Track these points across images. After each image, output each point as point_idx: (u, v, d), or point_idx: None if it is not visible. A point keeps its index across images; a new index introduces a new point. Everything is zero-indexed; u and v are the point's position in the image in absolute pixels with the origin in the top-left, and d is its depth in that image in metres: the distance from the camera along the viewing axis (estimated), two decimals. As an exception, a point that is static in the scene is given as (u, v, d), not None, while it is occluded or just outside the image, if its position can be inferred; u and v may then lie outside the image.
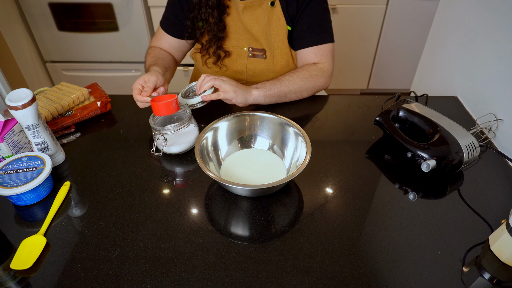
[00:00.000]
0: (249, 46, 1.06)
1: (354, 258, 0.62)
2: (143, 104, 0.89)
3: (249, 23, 1.01)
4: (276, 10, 0.99)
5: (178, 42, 1.10)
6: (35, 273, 0.60)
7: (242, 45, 1.06)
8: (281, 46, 1.03)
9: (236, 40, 1.05)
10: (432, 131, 0.79)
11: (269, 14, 0.99)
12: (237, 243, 0.64)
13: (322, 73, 1.02)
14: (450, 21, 1.16)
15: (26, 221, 0.70)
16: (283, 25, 1.00)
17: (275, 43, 1.03)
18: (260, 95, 0.95)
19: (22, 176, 0.71)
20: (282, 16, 0.99)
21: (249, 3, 0.98)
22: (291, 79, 0.99)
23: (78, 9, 1.93)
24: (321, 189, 0.75)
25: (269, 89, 0.96)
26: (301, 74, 1.00)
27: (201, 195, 0.74)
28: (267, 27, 1.01)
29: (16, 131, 0.78)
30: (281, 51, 1.04)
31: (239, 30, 1.04)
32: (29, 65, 2.05)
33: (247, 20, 1.01)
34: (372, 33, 2.14)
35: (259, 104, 0.98)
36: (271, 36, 1.02)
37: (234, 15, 1.02)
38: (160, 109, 0.78)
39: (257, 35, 1.03)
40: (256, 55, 1.06)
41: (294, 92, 0.99)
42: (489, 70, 0.95)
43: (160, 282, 0.58)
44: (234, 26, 1.04)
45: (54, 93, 0.98)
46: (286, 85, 0.98)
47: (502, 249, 0.59)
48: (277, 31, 1.01)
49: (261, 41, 1.04)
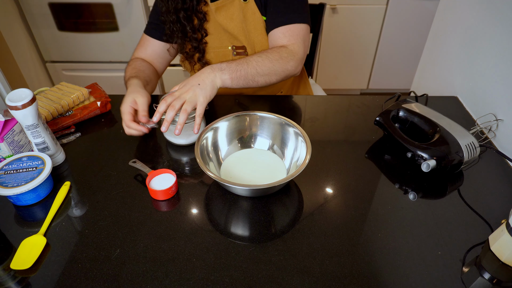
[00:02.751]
0: (232, 45, 1.04)
1: (354, 258, 0.62)
2: (137, 132, 0.82)
3: (225, 23, 1.00)
4: (250, 5, 0.97)
5: (163, 46, 1.08)
6: (35, 273, 0.60)
7: (226, 45, 1.05)
8: (261, 40, 1.01)
9: (219, 40, 1.04)
10: (432, 131, 0.79)
11: (244, 10, 0.97)
12: (237, 243, 0.64)
13: (292, 56, 0.92)
14: (450, 21, 1.16)
15: (26, 221, 0.70)
16: (259, 18, 0.98)
17: (255, 38, 1.01)
18: (226, 78, 0.84)
19: (22, 176, 0.71)
20: (257, 9, 0.97)
21: (220, 3, 0.97)
22: (260, 59, 0.89)
23: (78, 9, 1.94)
24: (321, 189, 0.75)
25: (235, 70, 0.85)
26: (270, 55, 0.90)
27: (201, 195, 0.74)
28: (244, 23, 0.99)
29: (16, 131, 0.78)
30: (262, 45, 1.02)
31: (219, 31, 1.03)
32: (29, 65, 2.05)
33: (222, 20, 0.99)
34: (372, 33, 2.15)
35: (227, 87, 0.87)
36: (249, 31, 1.00)
37: (212, 17, 1.01)
38: (158, 195, 0.73)
39: (234, 33, 1.01)
40: (239, 53, 1.05)
41: (263, 75, 0.89)
42: (489, 70, 0.95)
43: (160, 282, 0.58)
44: (214, 29, 1.03)
45: (54, 93, 0.98)
46: (253, 67, 0.88)
47: (502, 249, 0.59)
48: (255, 25, 0.99)
49: (240, 39, 1.02)
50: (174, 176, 0.74)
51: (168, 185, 0.72)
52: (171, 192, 0.73)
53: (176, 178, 0.73)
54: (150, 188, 0.72)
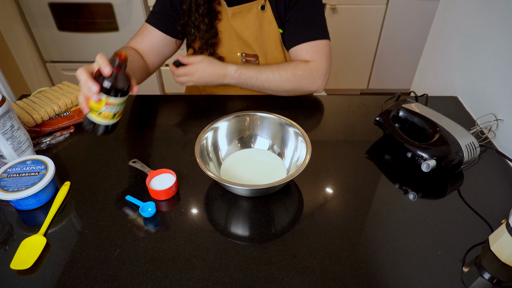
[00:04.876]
0: (242, 52, 1.04)
1: (354, 258, 0.62)
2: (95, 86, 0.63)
3: (240, 29, 0.99)
4: (267, 14, 0.96)
5: (163, 39, 1.02)
6: (35, 273, 0.60)
7: (235, 51, 1.04)
8: (273, 51, 1.01)
9: (229, 46, 1.03)
10: (432, 131, 0.79)
11: (260, 19, 0.97)
12: (237, 243, 0.64)
13: (310, 74, 0.95)
14: (450, 21, 1.16)
15: (26, 221, 0.70)
16: (274, 29, 0.98)
17: (268, 48, 1.01)
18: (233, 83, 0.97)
19: (24, 180, 0.70)
20: (274, 19, 0.97)
21: (238, 9, 0.96)
22: (271, 76, 0.94)
23: (78, 9, 1.94)
24: (321, 189, 0.75)
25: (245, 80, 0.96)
26: (283, 72, 0.94)
27: (201, 195, 0.74)
28: (259, 32, 0.99)
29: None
30: (274, 55, 1.02)
31: (231, 36, 1.02)
32: (29, 65, 2.05)
33: (238, 26, 0.99)
34: (372, 33, 2.15)
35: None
36: (263, 41, 1.00)
37: (226, 21, 1.00)
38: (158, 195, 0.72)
39: (248, 41, 1.00)
40: (249, 61, 1.04)
41: (270, 90, 0.95)
42: (489, 70, 0.95)
43: (160, 282, 0.58)
44: (226, 32, 1.01)
45: (54, 92, 0.98)
46: (261, 82, 0.94)
47: (502, 249, 0.59)
48: (269, 35, 0.99)
49: (253, 47, 1.01)
50: (174, 176, 0.74)
51: (168, 185, 0.72)
52: (171, 192, 0.73)
53: (176, 178, 0.73)
54: (150, 188, 0.72)
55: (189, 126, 0.95)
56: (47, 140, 0.88)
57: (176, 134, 0.92)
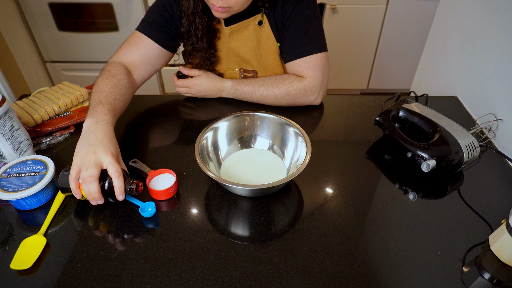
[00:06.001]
0: (240, 68, 1.04)
1: (354, 258, 0.62)
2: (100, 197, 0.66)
3: (237, 47, 0.99)
4: (265, 29, 0.96)
5: (159, 52, 0.96)
6: (35, 273, 0.60)
7: (233, 67, 1.05)
8: (272, 65, 1.02)
9: (227, 62, 1.04)
10: (432, 131, 0.79)
11: (258, 34, 0.97)
12: (237, 243, 0.64)
13: (304, 92, 0.95)
14: (450, 21, 1.16)
15: (26, 221, 0.70)
16: (273, 44, 0.98)
17: (267, 62, 1.01)
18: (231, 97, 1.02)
19: (24, 180, 0.70)
20: (272, 34, 0.96)
21: (235, 27, 0.95)
22: (265, 93, 0.96)
23: (78, 9, 1.93)
24: (321, 189, 0.75)
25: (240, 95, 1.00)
26: (276, 91, 0.95)
27: (201, 195, 0.74)
28: (257, 48, 0.99)
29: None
30: (273, 69, 1.03)
31: (229, 53, 1.02)
32: (29, 65, 2.05)
33: (235, 44, 0.99)
34: (372, 33, 2.15)
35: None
36: (262, 56, 1.00)
37: (224, 39, 1.00)
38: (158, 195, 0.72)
39: (246, 58, 1.01)
40: (247, 76, 1.05)
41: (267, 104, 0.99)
42: (489, 70, 0.95)
43: (160, 282, 0.58)
44: (224, 49, 1.02)
45: (54, 92, 0.98)
46: (256, 99, 0.98)
47: (502, 249, 0.59)
48: (268, 50, 0.99)
49: (252, 63, 1.02)
50: (174, 176, 0.74)
51: (168, 185, 0.72)
52: (171, 192, 0.73)
53: (176, 178, 0.73)
54: (150, 188, 0.72)
55: (189, 126, 0.95)
56: (47, 140, 0.88)
57: (176, 134, 0.92)
